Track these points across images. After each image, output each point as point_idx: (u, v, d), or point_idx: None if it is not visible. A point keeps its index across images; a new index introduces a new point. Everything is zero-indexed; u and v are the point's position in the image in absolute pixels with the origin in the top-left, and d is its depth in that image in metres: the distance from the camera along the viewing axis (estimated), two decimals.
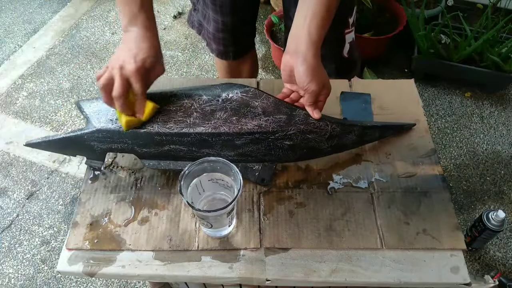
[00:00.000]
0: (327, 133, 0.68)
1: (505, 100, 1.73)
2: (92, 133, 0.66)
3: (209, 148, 0.67)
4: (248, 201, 0.70)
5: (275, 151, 0.68)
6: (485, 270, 1.28)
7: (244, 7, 1.02)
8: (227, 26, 1.03)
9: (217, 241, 0.65)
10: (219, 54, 1.14)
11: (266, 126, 0.65)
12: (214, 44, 1.11)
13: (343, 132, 0.70)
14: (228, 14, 0.99)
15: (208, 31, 1.08)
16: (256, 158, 0.69)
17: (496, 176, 1.48)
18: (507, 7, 1.66)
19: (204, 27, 1.10)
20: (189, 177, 0.60)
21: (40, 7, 2.18)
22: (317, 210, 0.68)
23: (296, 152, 0.70)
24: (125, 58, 0.62)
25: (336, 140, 0.70)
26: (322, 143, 0.69)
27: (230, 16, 1.00)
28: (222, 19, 1.01)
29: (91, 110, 0.68)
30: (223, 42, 1.08)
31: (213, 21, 1.03)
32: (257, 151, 0.68)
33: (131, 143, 0.67)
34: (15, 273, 1.28)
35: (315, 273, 0.62)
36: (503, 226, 1.19)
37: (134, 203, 0.69)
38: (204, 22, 1.08)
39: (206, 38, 1.12)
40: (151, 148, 0.67)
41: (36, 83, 1.81)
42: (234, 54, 1.13)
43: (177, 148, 0.67)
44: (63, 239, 1.34)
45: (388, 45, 1.82)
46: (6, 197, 1.45)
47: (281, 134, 0.66)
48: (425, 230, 0.66)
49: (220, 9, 0.98)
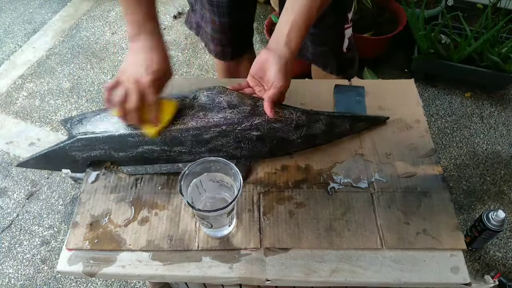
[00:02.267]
0: (293, 121, 0.70)
1: (505, 100, 1.73)
2: (72, 143, 0.70)
3: (181, 145, 0.69)
4: (248, 201, 0.70)
5: (245, 143, 0.70)
6: (485, 270, 1.28)
7: (241, 8, 1.02)
8: (224, 27, 1.03)
9: (217, 241, 0.65)
10: (217, 55, 1.14)
11: (231, 117, 0.68)
12: (212, 45, 1.11)
13: (309, 121, 0.71)
14: (225, 14, 0.99)
15: (205, 31, 1.08)
16: (228, 153, 0.71)
17: (496, 176, 1.48)
18: (507, 7, 1.66)
19: (202, 28, 1.10)
20: (189, 177, 0.60)
21: (40, 7, 2.18)
22: (317, 210, 0.68)
23: (266, 144, 0.71)
24: (138, 71, 0.63)
25: (305, 130, 0.71)
26: (290, 133, 0.70)
27: (227, 16, 1.00)
28: (219, 19, 1.01)
29: (71, 124, 0.72)
30: (220, 42, 1.08)
31: (210, 22, 1.03)
32: (227, 144, 0.70)
33: (108, 148, 0.70)
34: (15, 273, 1.28)
35: (315, 273, 0.62)
36: (503, 226, 1.19)
37: (134, 203, 0.70)
38: (202, 22, 1.08)
39: (204, 39, 1.12)
40: (127, 152, 0.70)
41: (36, 83, 1.81)
42: (232, 54, 1.13)
43: (150, 149, 0.69)
44: (63, 239, 1.34)
45: (388, 45, 1.82)
46: (6, 197, 1.45)
47: (247, 125, 0.68)
48: (425, 230, 0.66)
49: (217, 9, 0.98)
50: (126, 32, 0.67)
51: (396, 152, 0.76)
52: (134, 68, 0.63)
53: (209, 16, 1.02)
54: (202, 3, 1.01)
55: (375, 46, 1.79)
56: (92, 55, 1.93)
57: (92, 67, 1.87)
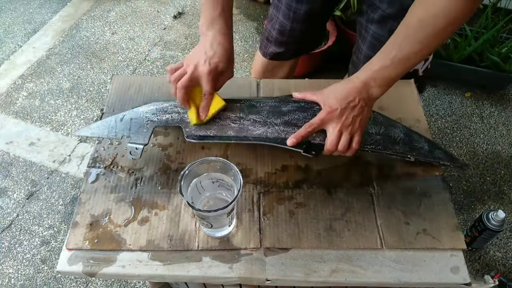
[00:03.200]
0: (371, 117, 0.70)
1: (505, 100, 1.73)
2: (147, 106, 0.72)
3: (257, 114, 0.69)
4: (248, 201, 0.70)
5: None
6: (485, 270, 1.28)
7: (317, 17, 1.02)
8: (294, 32, 1.03)
9: (217, 241, 0.65)
10: (270, 55, 1.12)
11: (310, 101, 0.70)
12: (273, 46, 1.10)
13: (387, 123, 0.71)
14: (300, 21, 1.00)
15: (270, 33, 1.08)
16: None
17: (496, 176, 1.48)
18: (507, 7, 1.66)
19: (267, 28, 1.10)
20: (189, 177, 0.60)
21: (40, 7, 2.18)
22: (317, 210, 0.68)
23: None
24: (200, 59, 0.67)
25: (383, 128, 0.70)
26: (368, 126, 0.69)
27: (301, 24, 1.00)
28: (291, 25, 1.01)
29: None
30: (285, 46, 1.08)
31: (279, 24, 1.03)
32: (304, 120, 0.68)
33: (182, 112, 0.70)
34: (15, 273, 1.28)
35: (315, 273, 0.62)
36: (503, 226, 1.19)
37: (134, 203, 0.69)
38: (268, 23, 1.08)
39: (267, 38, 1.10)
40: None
41: (36, 83, 1.81)
42: (286, 56, 1.13)
43: (225, 115, 0.70)
44: (63, 239, 1.34)
45: None
46: (6, 197, 1.45)
47: None
48: (425, 230, 0.66)
49: (293, 15, 0.98)
50: (200, 25, 0.71)
51: None
52: (197, 56, 0.68)
53: (281, 19, 1.02)
54: (277, 5, 1.02)
55: None
56: (92, 55, 1.93)
57: (92, 67, 1.87)
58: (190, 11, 2.15)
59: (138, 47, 1.96)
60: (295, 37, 1.05)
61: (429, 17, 0.59)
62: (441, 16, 0.58)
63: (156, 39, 2.00)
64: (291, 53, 1.12)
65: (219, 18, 0.69)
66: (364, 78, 0.64)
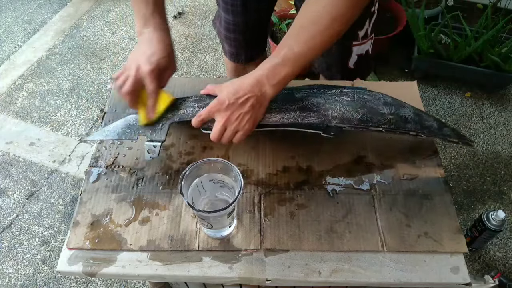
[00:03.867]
0: (380, 98, 0.71)
1: (505, 100, 1.73)
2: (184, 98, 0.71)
3: (272, 102, 0.68)
4: (249, 202, 0.70)
5: (336, 105, 0.70)
6: (485, 270, 1.28)
7: (255, 8, 1.01)
8: (239, 27, 1.03)
9: (217, 241, 0.65)
10: (232, 57, 1.13)
11: (321, 84, 0.73)
12: (226, 45, 1.10)
13: (396, 103, 0.72)
14: (239, 14, 0.99)
15: (220, 31, 1.08)
16: (319, 113, 0.69)
17: (496, 176, 1.48)
18: (507, 7, 1.66)
19: (217, 26, 1.10)
20: (190, 178, 0.60)
21: (40, 7, 2.18)
22: (318, 212, 0.68)
23: (358, 110, 0.70)
24: (141, 60, 0.66)
25: (394, 108, 0.71)
26: (380, 106, 0.70)
27: (241, 16, 1.00)
28: (233, 19, 1.00)
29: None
30: (234, 43, 1.08)
31: (224, 21, 1.03)
32: (318, 103, 0.70)
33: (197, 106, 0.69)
34: (15, 273, 1.28)
35: (315, 273, 0.62)
36: (503, 226, 1.19)
37: (135, 203, 0.70)
38: (217, 21, 1.08)
39: (220, 38, 1.12)
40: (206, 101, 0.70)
41: (36, 83, 1.81)
42: (245, 57, 1.13)
43: None
44: (63, 239, 1.34)
45: (388, 45, 1.82)
46: (6, 197, 1.45)
47: (337, 91, 0.71)
48: (426, 233, 0.66)
49: (231, 8, 0.98)
50: (135, 26, 0.71)
51: (398, 154, 0.76)
52: (137, 58, 0.67)
53: (223, 15, 1.02)
54: (217, 1, 1.02)
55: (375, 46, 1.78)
56: (92, 55, 1.93)
57: (92, 67, 1.87)
58: (190, 11, 2.15)
59: None
60: (240, 32, 1.04)
61: (314, 15, 0.60)
62: (325, 14, 0.60)
63: None
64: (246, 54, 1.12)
65: (153, 14, 0.69)
66: (258, 75, 0.64)
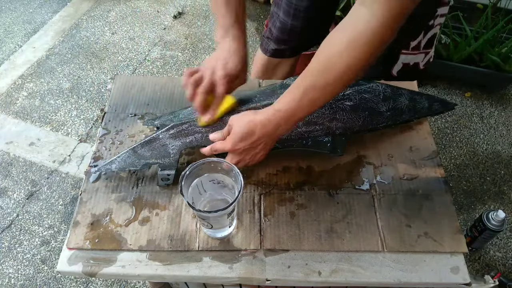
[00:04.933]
0: (380, 93, 0.73)
1: (505, 100, 1.73)
2: (167, 130, 0.71)
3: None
4: (249, 202, 0.70)
5: (339, 114, 0.71)
6: (485, 270, 1.28)
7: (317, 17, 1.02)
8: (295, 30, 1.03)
9: (217, 241, 0.65)
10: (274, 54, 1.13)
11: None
12: (272, 43, 1.10)
13: (394, 94, 0.75)
14: (299, 19, 1.00)
15: (270, 30, 1.08)
16: (323, 126, 0.72)
17: (496, 176, 1.48)
18: (507, 7, 1.66)
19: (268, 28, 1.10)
20: (190, 178, 0.60)
21: (40, 7, 2.18)
22: (318, 212, 0.68)
23: (360, 115, 0.72)
24: (216, 65, 0.71)
25: (391, 102, 0.74)
26: (379, 104, 0.73)
27: (300, 21, 1.00)
28: (291, 22, 1.01)
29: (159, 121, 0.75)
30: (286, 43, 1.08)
31: (279, 21, 1.04)
32: (322, 116, 0.71)
33: (205, 131, 0.71)
34: (15, 273, 1.28)
35: (315, 273, 0.62)
36: (503, 226, 1.19)
37: (135, 203, 0.70)
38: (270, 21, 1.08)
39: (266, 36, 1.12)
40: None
41: (36, 83, 1.81)
42: (290, 53, 1.13)
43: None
44: (63, 239, 1.34)
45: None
46: (6, 197, 1.45)
47: (340, 95, 0.72)
48: (426, 233, 0.66)
49: (294, 12, 0.99)
50: (215, 33, 0.74)
51: (398, 154, 0.76)
52: (214, 62, 0.71)
53: (282, 16, 1.02)
54: (278, 3, 1.02)
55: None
56: (92, 55, 1.93)
57: (92, 67, 1.87)
58: (190, 11, 2.15)
59: (138, 47, 1.96)
60: (295, 35, 1.05)
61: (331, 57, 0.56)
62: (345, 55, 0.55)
63: (156, 39, 2.00)
64: (291, 51, 1.13)
65: (234, 26, 0.72)
66: (275, 117, 0.62)
